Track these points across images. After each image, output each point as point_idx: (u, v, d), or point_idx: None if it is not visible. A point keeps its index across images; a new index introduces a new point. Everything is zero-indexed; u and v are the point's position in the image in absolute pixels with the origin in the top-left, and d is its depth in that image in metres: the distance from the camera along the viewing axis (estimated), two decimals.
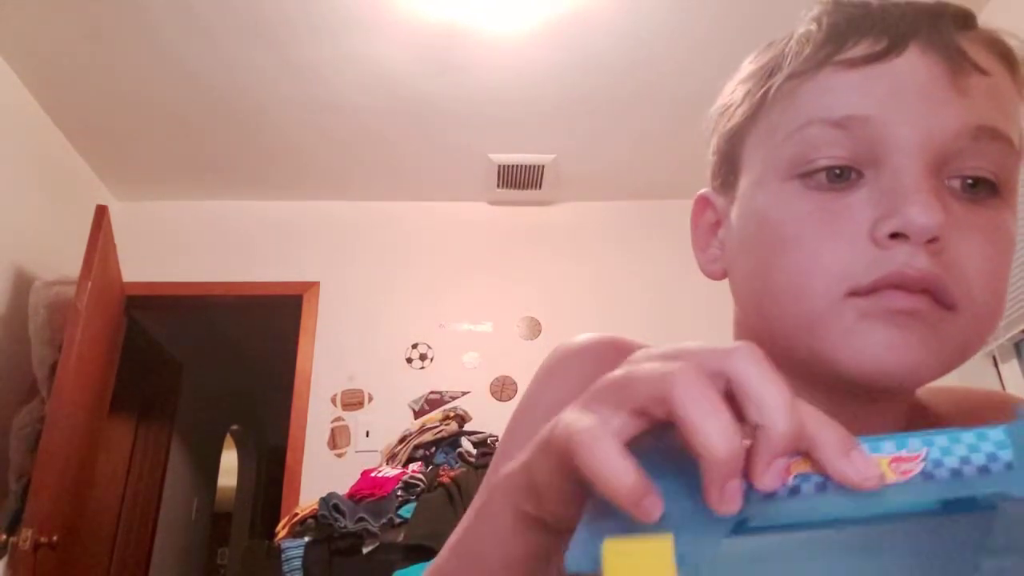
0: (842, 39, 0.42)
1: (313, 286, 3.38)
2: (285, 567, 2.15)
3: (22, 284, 2.72)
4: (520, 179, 3.40)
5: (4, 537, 2.32)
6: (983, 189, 0.40)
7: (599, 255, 3.48)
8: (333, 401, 3.19)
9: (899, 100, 0.39)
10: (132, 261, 3.17)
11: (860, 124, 0.40)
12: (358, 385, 3.21)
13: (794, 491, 0.24)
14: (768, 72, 0.45)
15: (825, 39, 0.42)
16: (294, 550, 2.19)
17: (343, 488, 2.39)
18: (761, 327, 0.45)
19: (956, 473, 0.23)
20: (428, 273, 3.44)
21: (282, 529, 2.36)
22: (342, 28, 2.52)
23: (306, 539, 2.22)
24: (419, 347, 3.30)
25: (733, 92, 0.48)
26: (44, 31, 2.53)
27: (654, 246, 3.35)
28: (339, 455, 3.10)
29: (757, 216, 0.44)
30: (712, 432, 0.23)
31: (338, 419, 3.16)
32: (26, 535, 2.24)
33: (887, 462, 0.24)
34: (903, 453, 0.24)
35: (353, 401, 3.19)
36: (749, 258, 0.45)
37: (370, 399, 3.19)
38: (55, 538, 2.37)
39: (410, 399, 3.20)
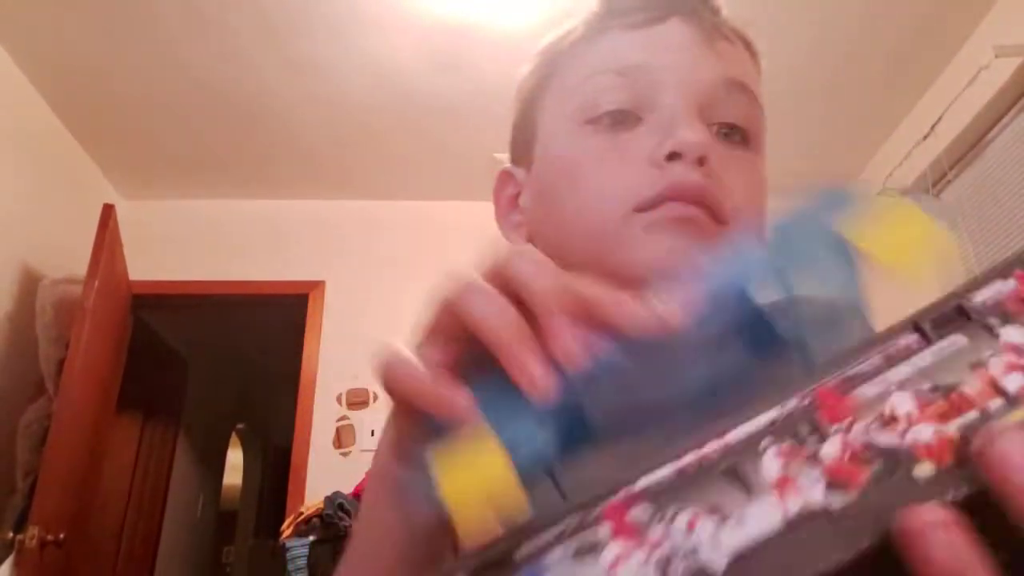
0: (617, 13, 0.49)
1: (319, 285, 3.38)
2: (290, 566, 2.16)
3: (29, 282, 2.73)
4: None
5: (11, 535, 2.33)
6: (736, 136, 0.46)
7: None
8: (339, 400, 3.19)
9: (668, 53, 0.46)
10: (138, 260, 3.17)
11: (637, 71, 0.46)
12: (364, 384, 3.21)
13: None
14: (554, 45, 0.52)
15: (603, 13, 0.50)
16: (299, 549, 2.19)
17: (348, 487, 2.39)
18: (565, 268, 0.48)
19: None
20: (434, 272, 3.42)
21: (287, 528, 2.37)
22: (349, 27, 2.52)
23: (311, 538, 2.22)
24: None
25: (526, 69, 0.55)
26: (51, 30, 2.53)
27: None
28: (344, 454, 3.10)
29: (551, 162, 0.50)
30: (488, 314, 0.25)
31: (343, 418, 3.16)
32: (33, 533, 2.25)
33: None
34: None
35: (359, 400, 3.19)
36: (546, 202, 0.50)
37: (375, 398, 3.19)
38: (61, 536, 2.37)
39: None
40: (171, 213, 3.53)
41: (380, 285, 3.39)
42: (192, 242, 3.47)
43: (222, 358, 4.96)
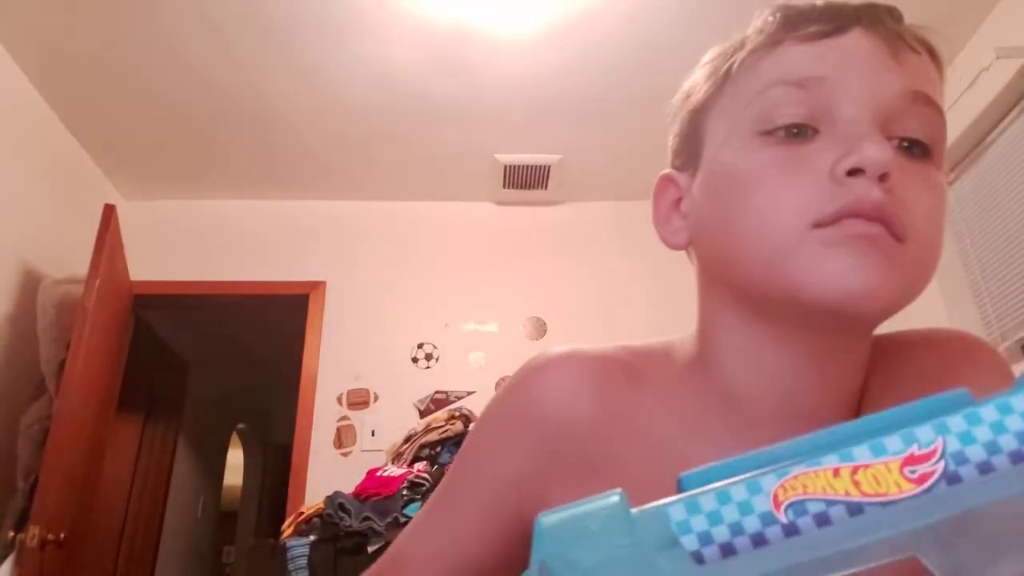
0: (795, 24, 0.48)
1: (320, 285, 3.39)
2: (290, 566, 2.16)
3: (31, 283, 2.74)
4: (526, 179, 3.40)
5: (12, 534, 2.33)
6: (918, 150, 0.45)
7: (605, 255, 3.47)
8: (339, 400, 3.19)
9: (849, 65, 0.45)
10: (139, 260, 3.18)
11: (817, 84, 0.45)
12: (364, 384, 3.21)
13: (791, 529, 0.19)
14: (730, 53, 0.51)
15: (781, 24, 0.49)
16: (299, 549, 2.19)
17: (349, 487, 2.39)
18: (728, 278, 0.48)
19: (985, 468, 0.19)
20: (434, 273, 3.44)
21: (288, 528, 2.37)
22: (350, 29, 2.53)
23: (311, 538, 2.22)
24: (425, 347, 3.30)
25: (695, 76, 0.54)
26: (53, 31, 2.54)
27: (660, 247, 3.28)
28: (345, 454, 3.11)
29: (723, 171, 0.48)
30: None
31: (344, 418, 3.17)
32: (33, 532, 2.25)
33: (898, 468, 0.19)
34: (914, 450, 0.19)
35: (359, 400, 3.19)
36: (715, 211, 0.49)
37: (376, 398, 3.20)
38: (62, 536, 2.38)
39: (416, 399, 3.20)
40: (172, 214, 3.53)
41: (380, 285, 3.40)
42: (193, 242, 3.47)
43: (222, 358, 4.97)
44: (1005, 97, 2.36)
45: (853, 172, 0.42)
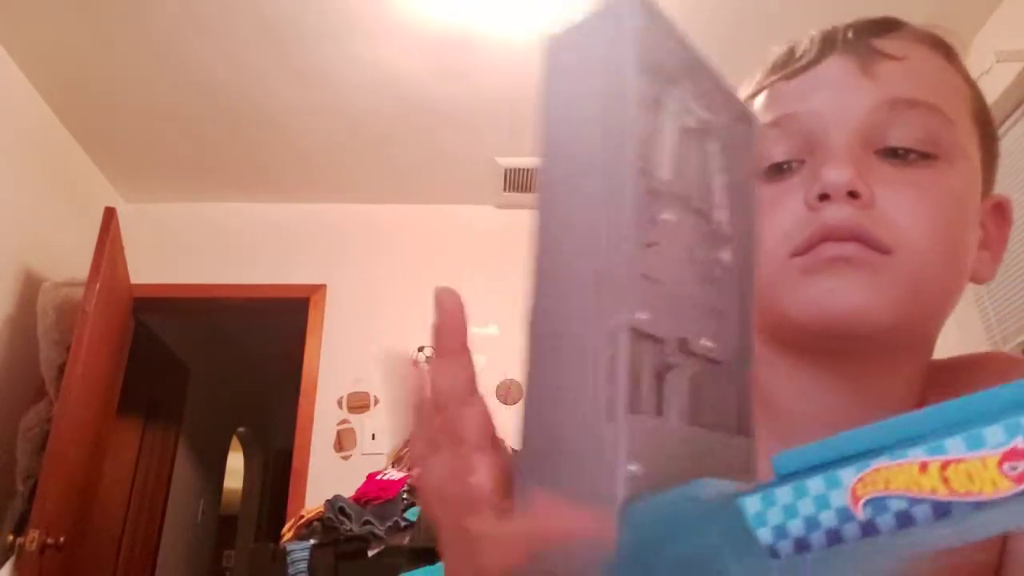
0: (783, 64, 0.50)
1: (320, 289, 3.38)
2: (291, 570, 2.15)
3: (31, 285, 2.74)
4: (527, 182, 3.40)
5: (11, 538, 2.33)
6: (911, 155, 0.44)
7: None
8: (339, 404, 3.19)
9: (816, 93, 0.46)
10: (140, 263, 3.18)
11: (790, 120, 0.46)
12: (364, 388, 3.21)
13: (869, 528, 0.18)
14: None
15: (771, 68, 0.51)
16: (299, 553, 2.19)
17: (349, 491, 2.39)
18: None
19: None
20: (435, 276, 3.43)
21: (288, 532, 2.36)
22: (350, 33, 2.53)
23: (312, 542, 2.22)
24: (426, 350, 3.30)
25: None
26: (54, 34, 2.54)
27: None
28: (345, 458, 3.10)
29: None
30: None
31: (344, 422, 3.16)
32: (33, 536, 2.25)
33: (996, 463, 0.17)
34: (1019, 443, 0.17)
35: (359, 404, 3.19)
36: None
37: (376, 402, 3.19)
38: (62, 539, 2.37)
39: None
40: (173, 216, 3.53)
41: (381, 288, 3.40)
42: (193, 245, 3.47)
43: (223, 361, 4.96)
44: (1005, 101, 2.36)
45: (823, 197, 0.42)
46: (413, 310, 3.36)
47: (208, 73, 2.72)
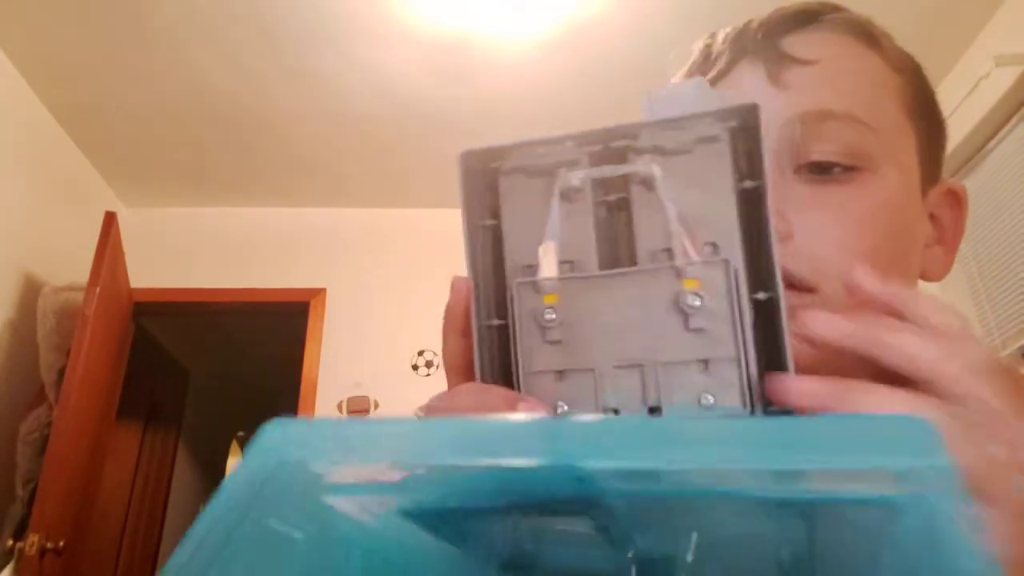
0: (706, 66, 0.47)
1: (320, 293, 3.39)
2: None
3: (31, 290, 2.74)
4: None
5: (11, 542, 2.32)
6: (833, 169, 0.41)
7: None
8: (339, 408, 3.19)
9: None
10: (140, 267, 3.18)
11: None
12: (364, 392, 3.21)
13: None
14: None
15: (691, 70, 0.48)
16: None
17: None
18: None
19: None
20: (435, 280, 3.42)
21: None
22: (351, 38, 2.54)
23: None
24: (425, 354, 3.30)
25: None
26: (54, 38, 2.54)
27: None
28: None
29: None
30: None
31: None
32: (33, 540, 2.25)
33: None
34: None
35: (359, 408, 3.19)
36: None
37: (376, 406, 3.19)
38: (61, 544, 2.37)
39: (416, 406, 3.19)
40: (173, 221, 3.53)
41: (381, 292, 3.40)
42: (193, 250, 3.47)
43: (223, 365, 4.96)
44: (1004, 105, 2.36)
45: None
46: (413, 314, 3.36)
47: (208, 78, 2.73)
